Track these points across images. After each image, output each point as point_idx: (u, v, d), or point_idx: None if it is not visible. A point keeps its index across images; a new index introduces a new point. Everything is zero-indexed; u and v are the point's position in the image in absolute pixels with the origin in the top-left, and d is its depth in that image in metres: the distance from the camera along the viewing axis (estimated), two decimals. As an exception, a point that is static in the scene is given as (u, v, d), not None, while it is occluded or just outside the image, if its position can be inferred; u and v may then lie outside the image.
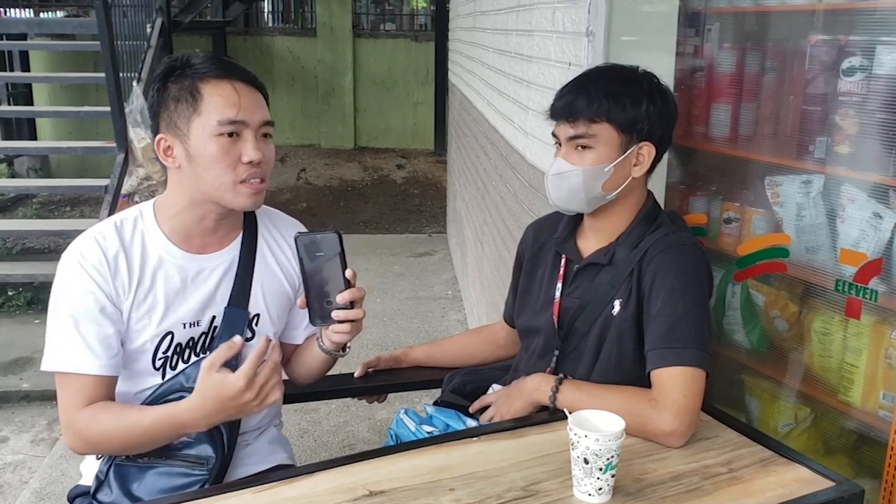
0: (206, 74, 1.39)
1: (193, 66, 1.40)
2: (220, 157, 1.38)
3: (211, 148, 1.38)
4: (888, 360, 1.51)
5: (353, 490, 1.21)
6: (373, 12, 12.02)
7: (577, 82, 1.50)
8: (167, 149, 1.43)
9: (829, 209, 1.61)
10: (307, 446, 3.14)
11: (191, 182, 1.42)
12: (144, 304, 1.43)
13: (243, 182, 1.41)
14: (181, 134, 1.40)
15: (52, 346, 1.39)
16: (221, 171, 1.39)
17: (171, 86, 1.41)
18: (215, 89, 1.39)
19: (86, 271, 1.39)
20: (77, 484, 1.57)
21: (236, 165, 1.39)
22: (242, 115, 1.39)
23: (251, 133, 1.41)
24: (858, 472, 1.60)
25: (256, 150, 1.40)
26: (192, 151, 1.39)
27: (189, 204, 1.45)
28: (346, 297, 1.38)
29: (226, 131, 1.38)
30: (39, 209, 7.16)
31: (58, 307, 1.40)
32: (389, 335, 4.24)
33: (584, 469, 1.17)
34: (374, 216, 7.47)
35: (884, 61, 1.46)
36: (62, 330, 1.38)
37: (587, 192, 1.48)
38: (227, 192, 1.41)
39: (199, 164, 1.39)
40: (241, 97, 1.39)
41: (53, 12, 8.29)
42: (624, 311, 1.48)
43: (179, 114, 1.39)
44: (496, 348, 1.89)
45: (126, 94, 4.90)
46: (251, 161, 1.39)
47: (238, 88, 1.40)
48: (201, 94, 1.38)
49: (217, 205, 1.44)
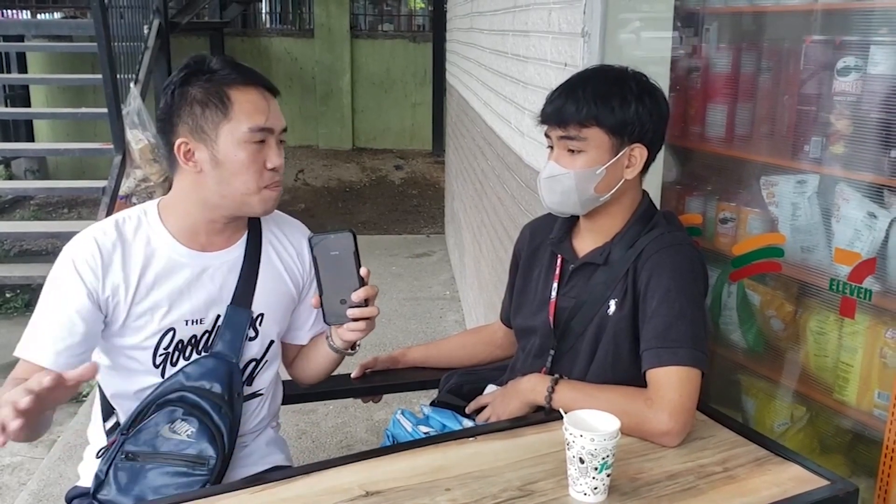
0: (234, 80, 1.40)
1: (218, 72, 1.41)
2: (248, 164, 1.40)
3: (241, 155, 1.39)
4: (883, 359, 1.52)
5: (349, 490, 1.21)
6: (371, 13, 12.01)
7: (565, 87, 1.50)
8: (188, 152, 1.42)
9: (824, 209, 1.62)
10: (305, 447, 3.14)
11: (211, 187, 1.43)
12: (147, 300, 1.44)
13: (266, 187, 1.44)
14: (208, 139, 1.40)
15: (27, 332, 1.42)
16: (249, 178, 1.41)
17: (193, 90, 1.40)
18: (244, 95, 1.40)
19: (76, 270, 1.40)
20: (75, 485, 1.58)
21: (262, 172, 1.42)
22: (270, 123, 1.42)
23: (274, 139, 1.44)
24: (853, 471, 1.61)
25: (280, 156, 1.44)
26: (220, 157, 1.40)
27: (201, 207, 1.46)
28: (362, 295, 1.41)
29: (257, 139, 1.40)
30: (37, 211, 7.15)
31: (42, 299, 1.43)
32: (387, 336, 4.24)
33: (579, 469, 1.17)
34: (373, 217, 7.47)
35: (878, 61, 1.47)
36: (36, 322, 1.42)
37: (580, 194, 1.49)
38: (252, 198, 1.43)
39: (227, 170, 1.40)
40: (269, 104, 1.42)
41: (51, 14, 8.29)
42: (620, 310, 1.48)
43: (207, 119, 1.39)
44: (493, 349, 1.89)
45: (123, 96, 4.90)
46: (275, 167, 1.42)
47: (265, 95, 1.43)
48: (231, 99, 1.39)
49: (232, 209, 1.45)
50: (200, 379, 1.47)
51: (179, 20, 7.09)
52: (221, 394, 1.47)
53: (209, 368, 1.48)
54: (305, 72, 9.98)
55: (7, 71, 7.60)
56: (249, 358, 1.56)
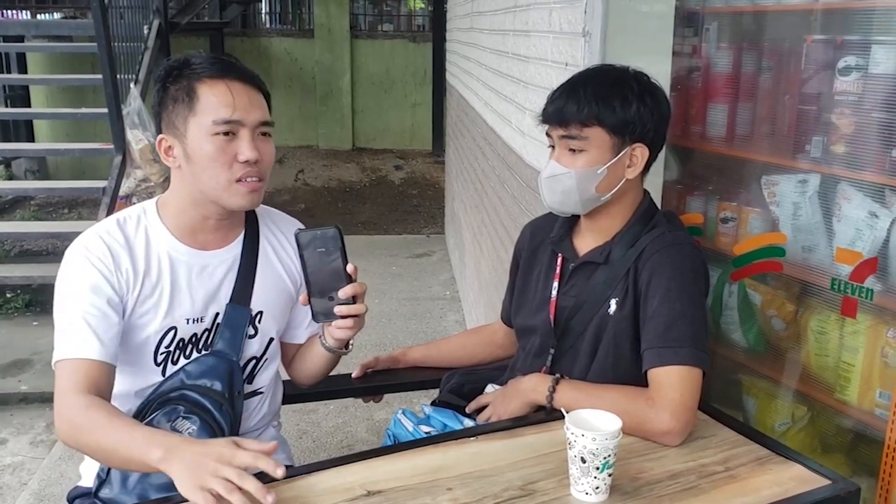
0: (202, 75, 1.40)
1: (191, 66, 1.42)
2: (215, 156, 1.39)
3: (207, 147, 1.39)
4: (884, 359, 1.51)
5: (351, 490, 1.21)
6: (370, 13, 12.01)
7: (567, 86, 1.50)
8: (168, 149, 1.45)
9: (826, 208, 1.62)
10: (306, 447, 3.14)
11: (190, 181, 1.44)
12: (151, 299, 1.45)
13: (239, 181, 1.41)
14: (179, 134, 1.42)
15: (58, 339, 1.38)
16: (217, 170, 1.40)
17: (170, 86, 1.42)
18: (210, 89, 1.40)
19: (91, 264, 1.40)
20: (76, 485, 1.58)
21: (232, 164, 1.41)
22: (238, 115, 1.40)
23: (248, 132, 1.41)
24: (855, 471, 1.61)
25: (252, 149, 1.40)
26: (189, 151, 1.41)
27: (191, 203, 1.47)
28: (349, 292, 1.40)
29: (221, 130, 1.39)
30: (37, 211, 7.15)
31: (63, 302, 1.40)
32: (387, 336, 4.24)
33: (581, 468, 1.17)
34: (373, 217, 7.46)
35: (880, 61, 1.47)
36: (68, 322, 1.38)
37: (581, 194, 1.49)
38: (223, 191, 1.42)
39: (196, 164, 1.41)
40: (235, 97, 1.40)
41: (50, 14, 8.28)
42: (620, 310, 1.48)
43: (177, 114, 1.41)
44: (494, 348, 1.89)
45: (123, 96, 4.89)
46: (247, 160, 1.40)
47: (234, 88, 1.41)
48: (197, 94, 1.40)
49: (216, 204, 1.45)
50: (201, 377, 1.47)
51: (179, 20, 7.08)
52: (222, 392, 1.47)
53: (210, 366, 1.48)
54: (305, 72, 9.98)
55: (7, 71, 7.58)
56: (250, 356, 1.56)
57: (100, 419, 1.29)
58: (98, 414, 1.30)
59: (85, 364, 1.35)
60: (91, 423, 1.29)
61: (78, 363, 1.35)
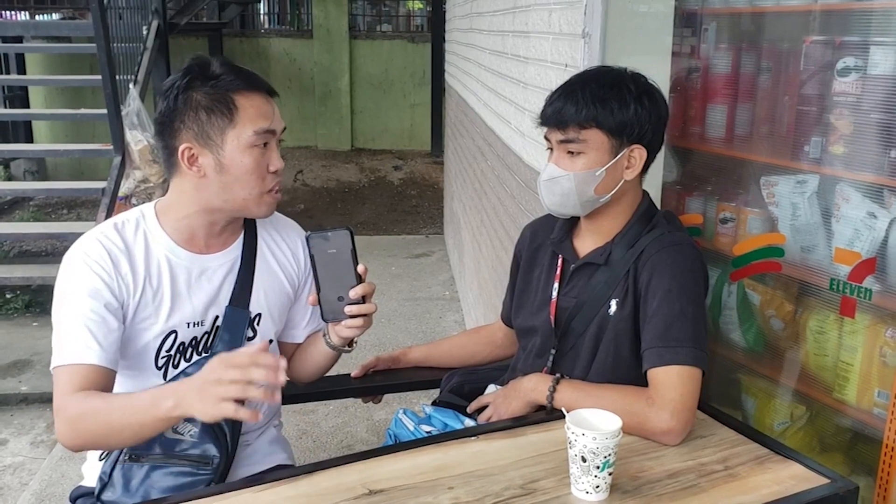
0: (239, 86, 1.41)
1: (222, 77, 1.41)
2: (253, 169, 1.42)
3: (247, 160, 1.41)
4: (883, 358, 1.52)
5: (352, 489, 1.22)
6: (369, 14, 12.02)
7: (564, 88, 1.51)
8: (192, 157, 1.42)
9: (824, 209, 1.62)
10: (306, 447, 3.14)
11: (214, 191, 1.43)
12: (152, 304, 1.45)
13: (269, 192, 1.46)
14: (213, 145, 1.41)
15: (57, 344, 1.38)
16: (253, 182, 1.43)
17: (197, 95, 1.40)
18: (248, 101, 1.41)
19: (90, 269, 1.40)
20: (79, 485, 1.58)
21: (265, 176, 1.44)
22: (274, 125, 1.43)
23: (275, 142, 1.45)
24: (853, 470, 1.62)
25: (280, 158, 1.45)
26: (225, 162, 1.41)
27: (200, 210, 1.46)
28: (360, 292, 1.41)
29: (261, 141, 1.42)
30: (36, 212, 7.14)
31: (62, 307, 1.39)
32: (387, 336, 4.24)
33: (581, 467, 1.18)
34: (372, 217, 7.47)
35: (878, 62, 1.47)
36: (67, 328, 1.37)
37: (580, 195, 1.49)
38: (253, 202, 1.45)
39: (232, 175, 1.41)
40: (272, 108, 1.44)
41: (49, 15, 8.29)
42: (620, 310, 1.49)
43: (213, 125, 1.40)
44: (494, 348, 1.90)
45: (122, 97, 4.90)
46: (277, 170, 1.45)
47: (266, 98, 1.44)
48: (236, 105, 1.40)
49: (233, 212, 1.47)
50: None
51: (178, 21, 7.09)
52: None
53: None
54: (304, 72, 9.98)
55: (6, 72, 7.58)
56: None
57: (98, 402, 1.31)
58: (95, 398, 1.32)
59: (84, 369, 1.35)
60: (91, 408, 1.31)
61: (77, 368, 1.35)
